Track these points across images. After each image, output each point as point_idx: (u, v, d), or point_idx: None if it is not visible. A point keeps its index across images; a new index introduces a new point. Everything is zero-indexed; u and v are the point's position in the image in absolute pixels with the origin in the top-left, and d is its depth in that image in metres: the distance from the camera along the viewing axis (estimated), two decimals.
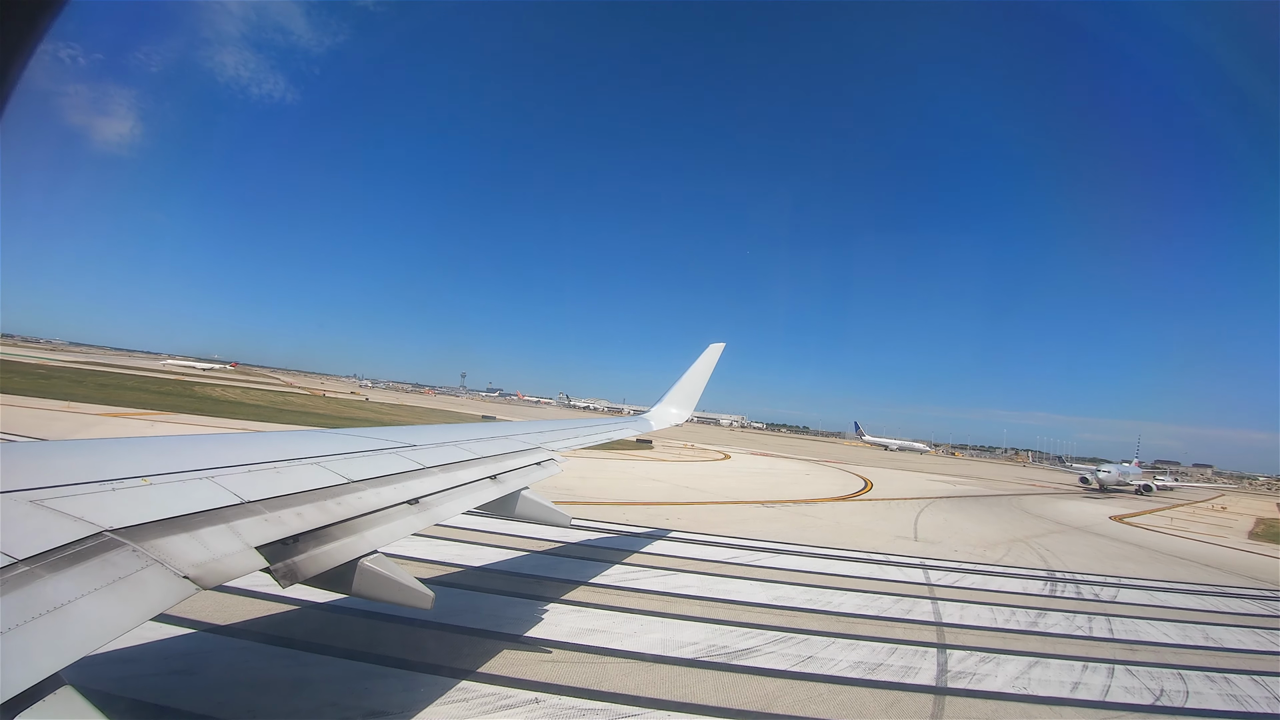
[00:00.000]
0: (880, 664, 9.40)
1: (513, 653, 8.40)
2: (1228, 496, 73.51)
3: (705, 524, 19.47)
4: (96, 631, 2.37)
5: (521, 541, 14.23)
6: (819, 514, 24.75)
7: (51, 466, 3.33)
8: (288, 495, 3.98)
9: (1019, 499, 41.80)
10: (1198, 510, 48.01)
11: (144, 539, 2.92)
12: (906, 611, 12.31)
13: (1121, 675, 9.97)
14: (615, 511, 19.67)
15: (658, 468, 35.86)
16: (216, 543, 3.20)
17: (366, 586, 3.96)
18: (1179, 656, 11.28)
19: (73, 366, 76.27)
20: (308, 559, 3.65)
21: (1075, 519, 32.96)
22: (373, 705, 6.66)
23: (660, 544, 15.96)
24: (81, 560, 2.61)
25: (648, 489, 26.43)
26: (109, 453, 3.89)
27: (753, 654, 9.26)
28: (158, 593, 2.70)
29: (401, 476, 5.21)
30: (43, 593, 2.36)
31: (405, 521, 4.63)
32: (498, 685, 7.42)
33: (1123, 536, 27.92)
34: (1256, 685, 10.13)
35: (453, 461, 6.17)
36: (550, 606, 10.38)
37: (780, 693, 8.09)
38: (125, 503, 3.14)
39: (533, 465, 7.47)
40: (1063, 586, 16.19)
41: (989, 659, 10.07)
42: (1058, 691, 9.06)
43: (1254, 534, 34.81)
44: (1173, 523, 36.07)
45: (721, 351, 14.30)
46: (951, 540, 21.73)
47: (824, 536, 19.72)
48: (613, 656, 8.63)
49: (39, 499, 2.90)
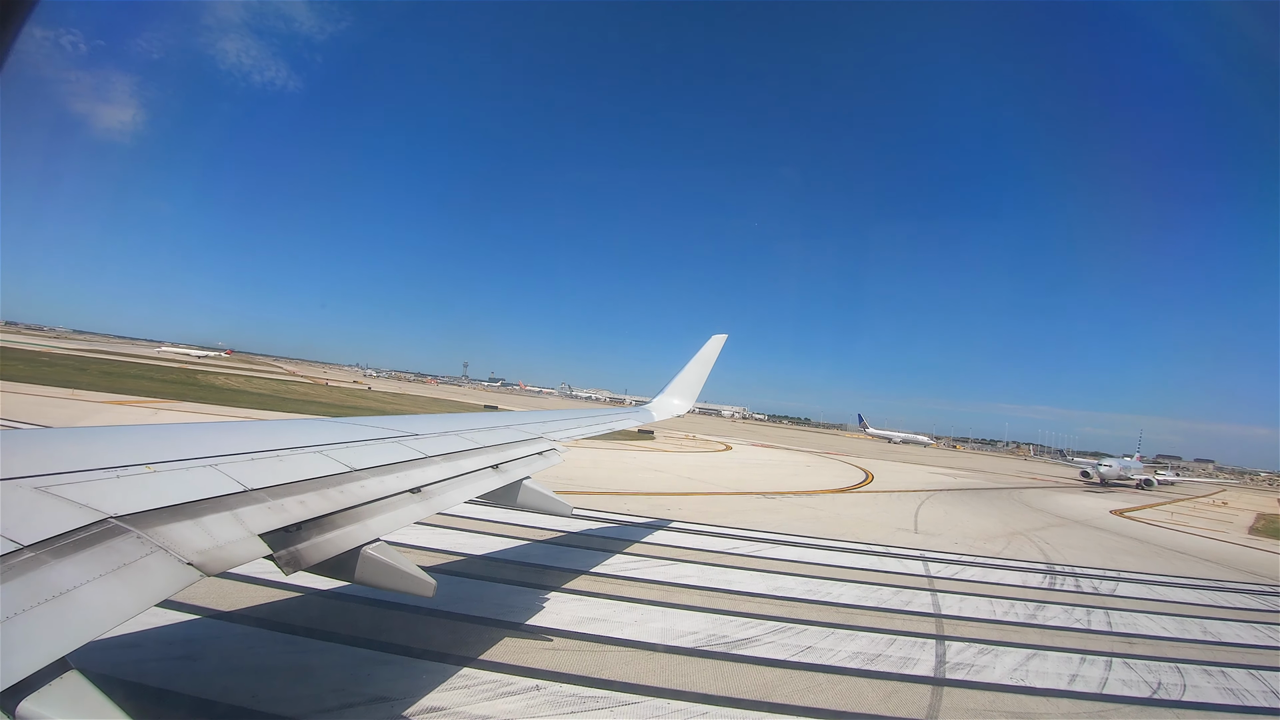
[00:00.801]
0: (879, 655, 9.46)
1: (514, 640, 8.48)
2: (1229, 492, 73.46)
3: (706, 514, 19.55)
4: (101, 617, 2.38)
5: (523, 530, 14.32)
6: (820, 506, 24.83)
7: (56, 453, 3.34)
8: (291, 483, 3.99)
9: (1019, 492, 41.85)
10: (1198, 505, 48.05)
11: (148, 526, 2.93)
12: (906, 603, 12.38)
13: (1119, 668, 10.02)
14: (617, 501, 19.76)
15: (659, 458, 35.97)
16: (220, 530, 3.21)
17: (369, 574, 3.98)
18: (1177, 650, 11.33)
19: (76, 354, 76.56)
20: (310, 546, 3.66)
21: (1075, 513, 33.01)
22: (375, 691, 6.73)
23: (661, 534, 16.05)
24: (86, 547, 2.62)
25: (649, 479, 26.52)
26: (113, 440, 3.90)
27: (752, 644, 9.33)
28: (162, 579, 2.71)
29: (404, 465, 5.22)
30: (48, 579, 2.37)
31: (408, 510, 4.64)
32: (499, 672, 7.49)
33: (1123, 531, 27.98)
34: (1254, 679, 10.18)
35: (455, 450, 6.17)
36: (551, 595, 10.45)
37: (779, 682, 8.16)
38: (129, 490, 3.15)
39: (535, 455, 7.48)
40: (1062, 580, 16.25)
41: (987, 651, 10.13)
42: (1056, 684, 9.12)
43: (1254, 529, 34.87)
44: (1173, 517, 36.12)
45: (724, 343, 14.27)
46: (951, 533, 21.80)
47: (824, 528, 19.79)
48: (613, 645, 8.70)
49: (44, 486, 2.90)
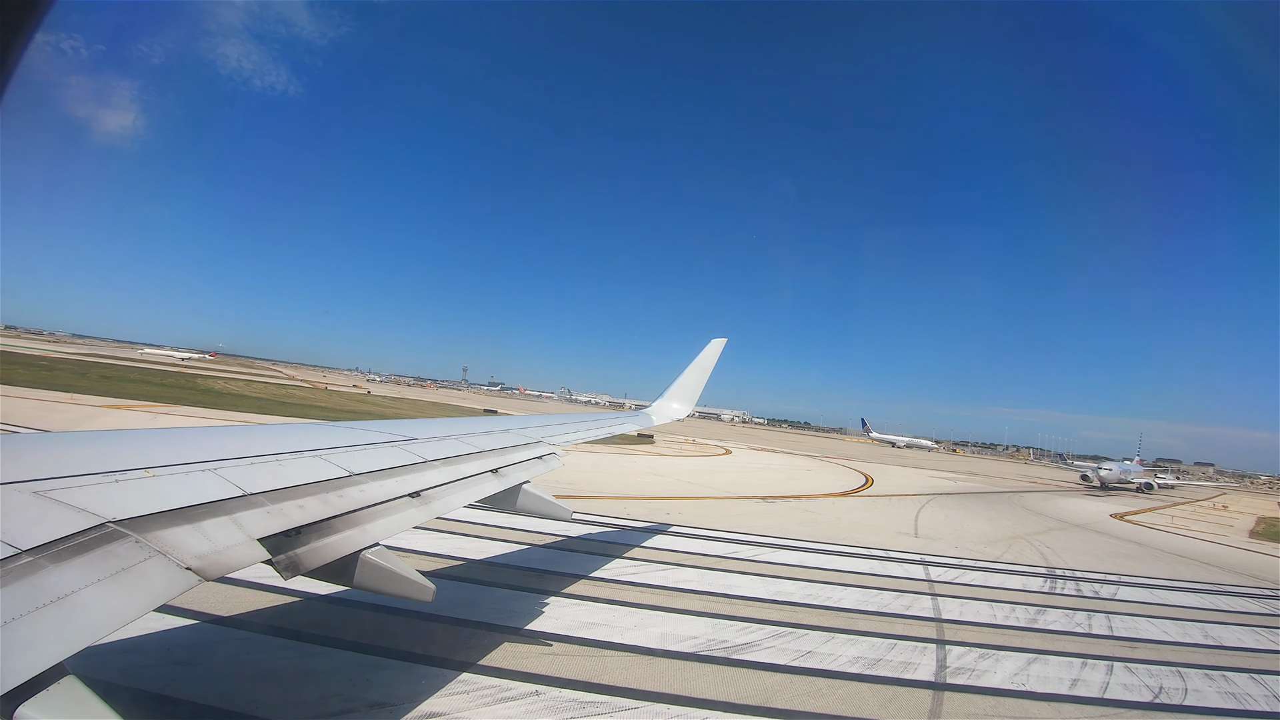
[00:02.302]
0: (879, 659, 9.43)
1: (514, 645, 8.44)
2: (1229, 495, 73.42)
3: (706, 519, 19.51)
4: (100, 622, 2.38)
5: (523, 535, 14.28)
6: (820, 510, 24.78)
7: (55, 458, 3.34)
8: (290, 487, 3.99)
9: (1020, 496, 41.78)
10: (1199, 509, 47.97)
11: (147, 530, 2.93)
12: (906, 607, 12.34)
13: (1120, 672, 9.98)
14: (616, 506, 19.71)
15: (659, 462, 35.91)
16: (219, 534, 3.21)
17: (368, 579, 3.97)
18: (1178, 654, 11.29)
19: (74, 358, 76.50)
20: (310, 551, 3.66)
21: (1076, 516, 32.95)
22: (374, 696, 6.70)
23: (661, 538, 16.01)
24: (85, 551, 2.62)
25: (649, 483, 26.47)
26: (112, 444, 3.90)
27: (752, 648, 9.29)
28: (160, 584, 2.71)
29: (403, 469, 5.22)
30: (46, 583, 2.37)
31: (407, 514, 4.64)
32: (499, 677, 7.46)
33: (1123, 534, 27.92)
34: (1256, 684, 10.14)
35: (454, 455, 6.17)
36: (551, 600, 10.42)
37: (779, 687, 8.12)
38: (128, 494, 3.14)
39: (534, 459, 7.48)
40: (1062, 584, 16.21)
41: (988, 655, 10.09)
42: (1056, 688, 9.08)
43: (1255, 533, 34.80)
44: (1174, 521, 36.04)
45: (723, 347, 14.28)
46: (952, 536, 21.75)
47: (824, 532, 19.75)
48: (613, 650, 8.67)
49: (42, 490, 2.90)
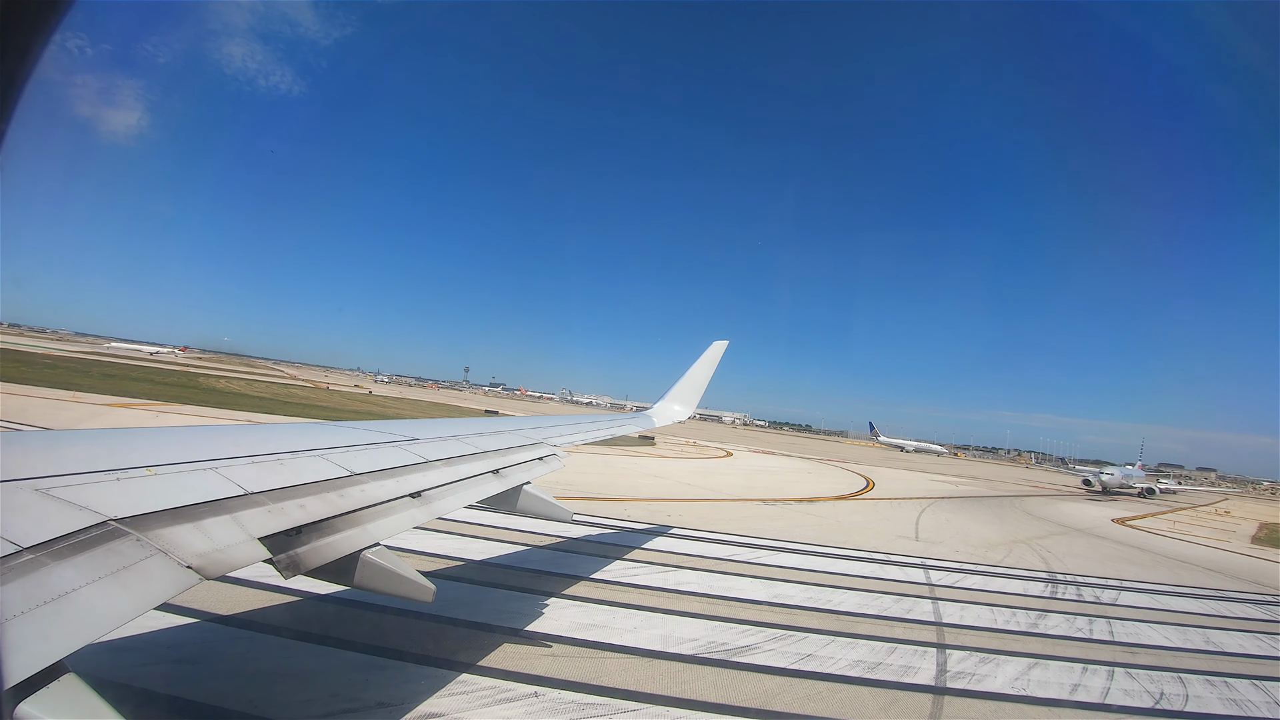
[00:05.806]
0: (879, 663, 9.40)
1: (513, 646, 8.44)
2: (1231, 501, 73.16)
3: (707, 521, 19.49)
4: (100, 620, 2.39)
5: (523, 536, 14.27)
6: (820, 513, 24.74)
7: (57, 456, 3.35)
8: (291, 487, 3.99)
9: (1021, 500, 41.68)
10: (1200, 514, 47.82)
11: (148, 529, 2.93)
12: (906, 611, 12.31)
13: (1121, 678, 9.95)
14: (617, 507, 19.70)
15: (660, 464, 35.89)
16: (220, 533, 3.22)
17: (368, 579, 3.98)
18: (1179, 660, 11.25)
19: (78, 357, 76.67)
20: (310, 551, 3.67)
21: (1077, 521, 32.86)
22: (374, 697, 6.70)
23: (661, 540, 15.99)
24: (86, 549, 2.63)
25: (649, 485, 26.46)
26: (114, 443, 3.91)
27: (752, 651, 9.27)
28: (161, 582, 2.72)
29: (404, 470, 5.22)
30: (47, 581, 2.37)
31: (407, 514, 4.64)
32: (498, 678, 7.45)
33: (1124, 539, 27.84)
34: (1257, 690, 10.10)
35: (455, 455, 6.17)
36: (551, 601, 10.41)
37: (779, 690, 8.11)
38: (130, 492, 3.15)
39: (535, 460, 7.48)
40: (1063, 588, 16.16)
41: (988, 659, 10.07)
42: (1057, 693, 9.05)
43: (1257, 539, 34.66)
44: (1175, 526, 35.94)
45: (725, 349, 14.29)
46: (953, 540, 21.70)
47: (825, 535, 19.72)
48: (613, 652, 8.66)
49: (44, 488, 2.91)
